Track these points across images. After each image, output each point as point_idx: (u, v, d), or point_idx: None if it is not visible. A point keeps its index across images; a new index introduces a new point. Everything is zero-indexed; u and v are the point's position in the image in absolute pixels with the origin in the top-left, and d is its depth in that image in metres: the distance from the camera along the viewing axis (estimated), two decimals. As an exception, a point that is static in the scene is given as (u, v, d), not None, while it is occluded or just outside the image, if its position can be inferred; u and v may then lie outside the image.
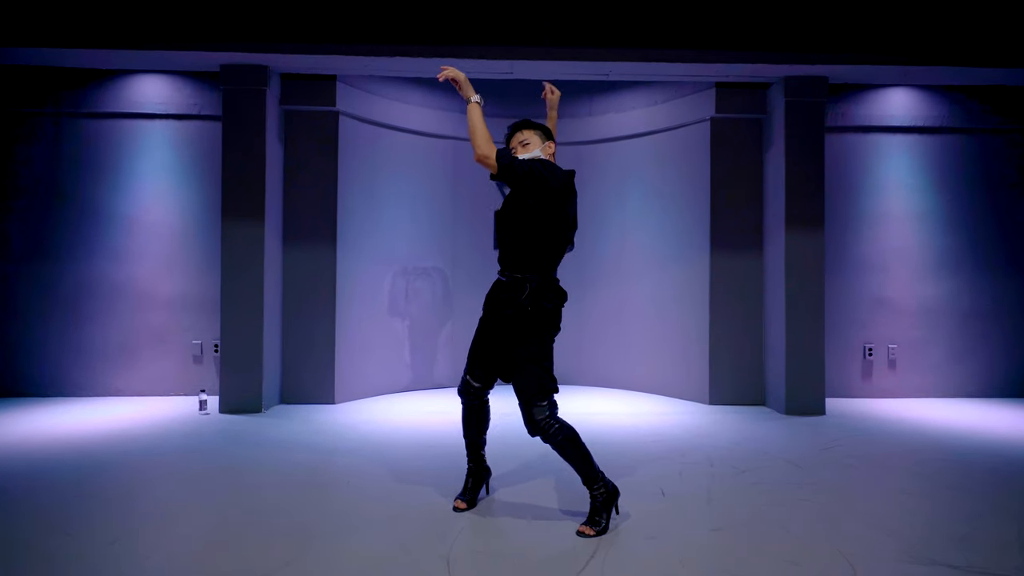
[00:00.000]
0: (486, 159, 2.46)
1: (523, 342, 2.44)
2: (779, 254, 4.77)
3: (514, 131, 2.70)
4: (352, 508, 2.69)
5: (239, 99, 4.54)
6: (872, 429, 4.19)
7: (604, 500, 2.42)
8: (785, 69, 4.58)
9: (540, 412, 2.40)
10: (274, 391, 4.80)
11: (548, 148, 2.65)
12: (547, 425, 2.40)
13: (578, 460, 2.43)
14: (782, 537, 2.39)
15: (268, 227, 4.61)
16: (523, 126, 2.69)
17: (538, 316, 2.43)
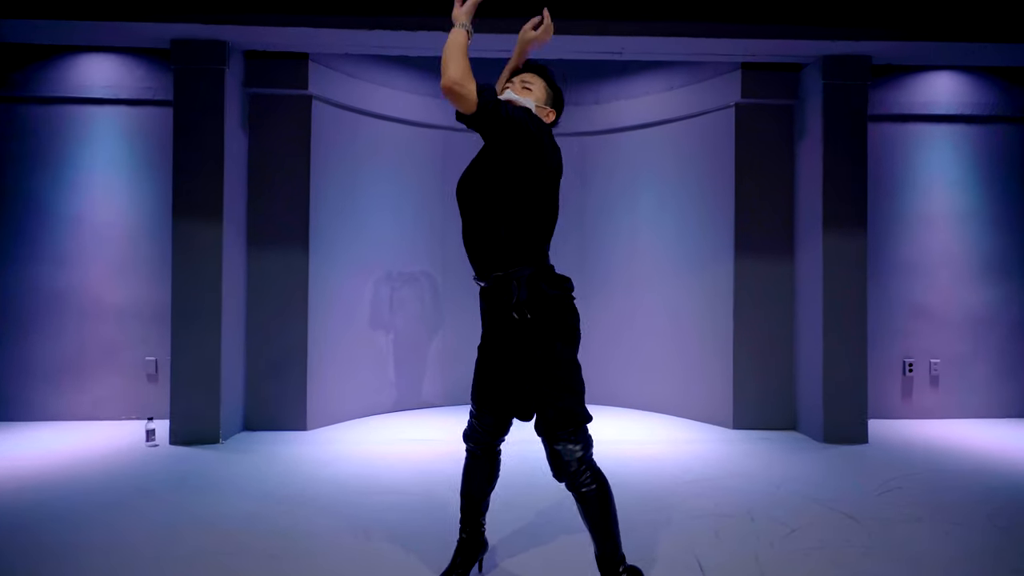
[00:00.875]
0: (458, 87, 1.72)
1: (532, 358, 1.83)
2: (815, 259, 4.18)
3: (516, 71, 2.08)
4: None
5: (193, 80, 3.91)
6: (926, 463, 3.61)
7: None
8: (823, 46, 3.98)
9: (569, 451, 1.81)
10: (236, 417, 4.18)
11: (549, 114, 2.03)
12: (578, 470, 1.81)
13: (603, 526, 1.84)
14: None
15: (228, 227, 3.99)
16: (531, 68, 2.07)
17: (543, 318, 1.83)
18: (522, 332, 1.84)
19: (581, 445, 1.83)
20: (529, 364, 1.84)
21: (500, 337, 1.92)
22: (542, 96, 2.02)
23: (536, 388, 1.84)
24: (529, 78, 2.04)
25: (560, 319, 1.86)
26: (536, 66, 2.09)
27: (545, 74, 2.06)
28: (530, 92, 2.01)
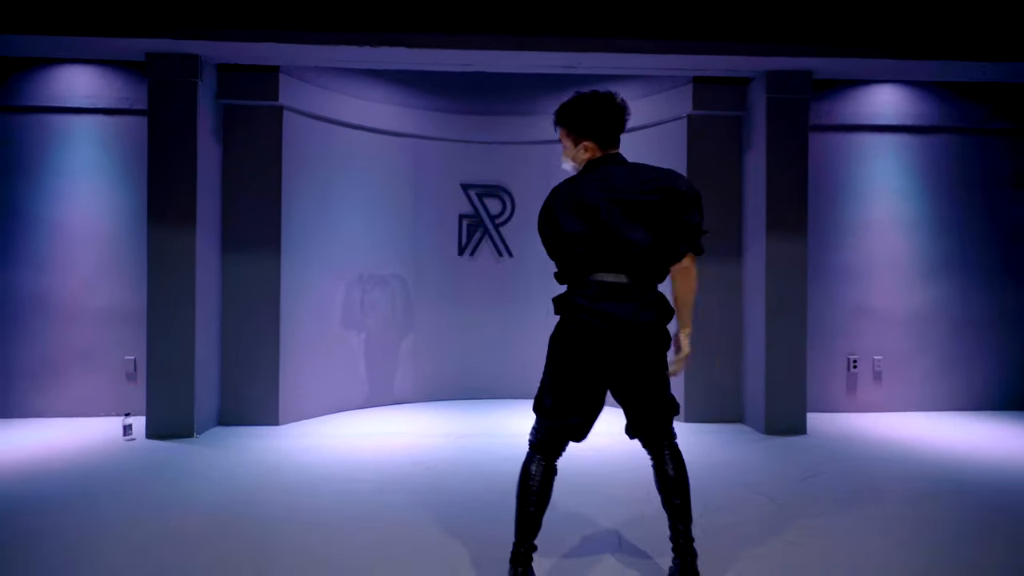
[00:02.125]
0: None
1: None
2: (759, 261, 4.44)
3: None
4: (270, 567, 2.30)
5: (167, 92, 4.11)
6: (857, 453, 3.88)
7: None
8: (766, 62, 4.24)
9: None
10: (211, 412, 4.39)
11: (586, 148, 2.16)
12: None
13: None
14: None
15: (201, 233, 4.19)
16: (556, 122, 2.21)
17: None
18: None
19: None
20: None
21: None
22: (570, 147, 2.18)
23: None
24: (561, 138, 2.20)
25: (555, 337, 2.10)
26: (556, 120, 2.20)
27: (560, 121, 2.19)
28: (564, 155, 2.21)
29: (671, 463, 2.12)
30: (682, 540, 2.07)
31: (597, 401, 2.10)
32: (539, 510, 2.05)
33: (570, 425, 2.07)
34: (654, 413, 2.10)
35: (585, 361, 2.03)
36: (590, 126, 2.15)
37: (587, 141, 2.16)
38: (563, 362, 2.05)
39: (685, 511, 2.08)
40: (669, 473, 2.11)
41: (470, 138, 5.46)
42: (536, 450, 2.10)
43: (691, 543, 2.08)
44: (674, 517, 2.09)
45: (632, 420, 2.14)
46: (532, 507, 2.03)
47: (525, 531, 2.03)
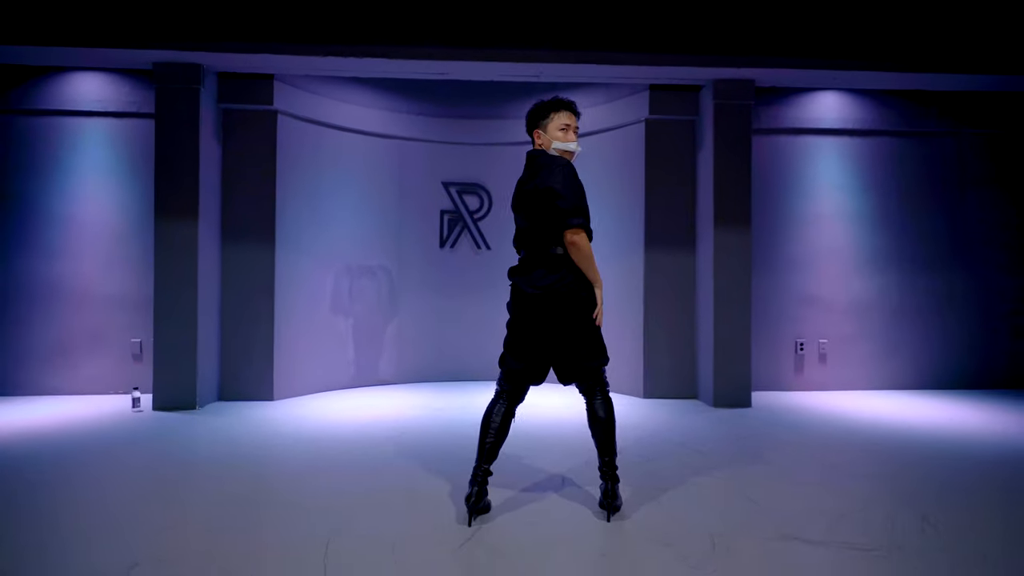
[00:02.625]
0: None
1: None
2: (709, 251, 4.91)
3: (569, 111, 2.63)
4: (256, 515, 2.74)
5: (172, 97, 4.56)
6: (790, 421, 4.34)
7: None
8: (713, 72, 4.72)
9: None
10: (212, 388, 4.82)
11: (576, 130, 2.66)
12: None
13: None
14: (662, 520, 2.49)
15: (203, 225, 4.64)
16: (573, 109, 2.64)
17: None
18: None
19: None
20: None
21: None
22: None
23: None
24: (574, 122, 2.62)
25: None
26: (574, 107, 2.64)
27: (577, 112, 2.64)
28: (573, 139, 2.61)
29: (601, 407, 2.54)
30: (606, 468, 2.51)
31: (539, 349, 2.50)
32: (496, 441, 2.47)
33: (518, 369, 2.50)
34: (577, 360, 2.52)
35: (517, 318, 2.51)
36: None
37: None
38: (509, 319, 2.56)
39: (610, 445, 2.52)
40: (599, 415, 2.53)
41: (450, 140, 5.92)
42: (500, 394, 2.53)
43: (614, 471, 2.52)
44: (601, 450, 2.53)
45: (559, 367, 2.57)
46: (491, 438, 2.46)
47: (483, 456, 2.47)
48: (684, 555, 2.18)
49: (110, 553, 2.17)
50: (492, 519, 2.49)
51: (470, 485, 2.45)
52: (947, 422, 4.29)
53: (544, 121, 2.59)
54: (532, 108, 2.62)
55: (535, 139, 2.62)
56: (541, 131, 2.59)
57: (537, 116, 2.60)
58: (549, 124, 2.58)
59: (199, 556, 2.16)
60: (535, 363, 2.52)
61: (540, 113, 2.60)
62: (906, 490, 2.88)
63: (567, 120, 2.59)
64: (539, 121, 2.60)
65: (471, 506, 2.41)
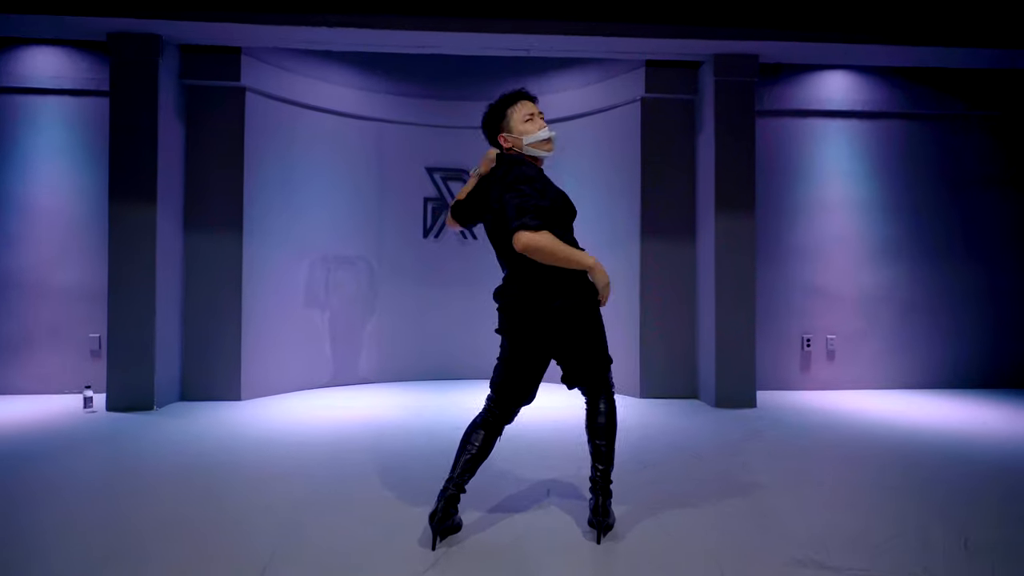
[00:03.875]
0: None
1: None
2: (709, 241, 4.57)
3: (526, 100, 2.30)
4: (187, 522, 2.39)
5: (129, 71, 4.19)
6: (799, 423, 4.00)
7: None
8: (714, 46, 4.37)
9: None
10: (173, 387, 4.46)
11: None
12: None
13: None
14: (662, 542, 2.15)
15: (163, 212, 4.27)
16: (532, 98, 2.30)
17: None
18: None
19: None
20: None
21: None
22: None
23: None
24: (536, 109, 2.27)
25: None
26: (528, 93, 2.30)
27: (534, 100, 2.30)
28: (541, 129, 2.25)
29: (604, 411, 2.23)
30: (599, 477, 2.17)
31: (536, 372, 2.20)
32: (475, 458, 2.15)
33: (512, 396, 2.21)
34: (579, 366, 2.22)
35: (512, 344, 2.20)
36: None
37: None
38: (504, 347, 2.24)
39: (605, 454, 2.19)
40: (599, 420, 2.22)
41: (434, 122, 5.56)
42: (489, 411, 2.21)
43: (608, 484, 2.18)
44: (595, 457, 2.19)
45: (565, 372, 2.26)
46: (468, 454, 2.14)
47: (457, 471, 2.13)
48: (687, 585, 1.84)
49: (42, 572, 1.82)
50: (461, 540, 2.14)
51: (437, 500, 2.10)
52: (969, 424, 3.96)
53: (504, 122, 2.23)
54: (485, 115, 2.27)
55: (503, 145, 2.25)
56: (506, 133, 2.24)
57: (494, 120, 2.25)
58: (511, 122, 2.23)
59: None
60: (532, 387, 2.23)
61: (496, 115, 2.24)
62: (936, 504, 2.54)
63: (528, 109, 2.24)
64: (498, 124, 2.24)
65: (435, 525, 2.06)
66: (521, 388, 2.21)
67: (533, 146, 2.23)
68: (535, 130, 2.23)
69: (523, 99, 2.26)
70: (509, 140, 2.24)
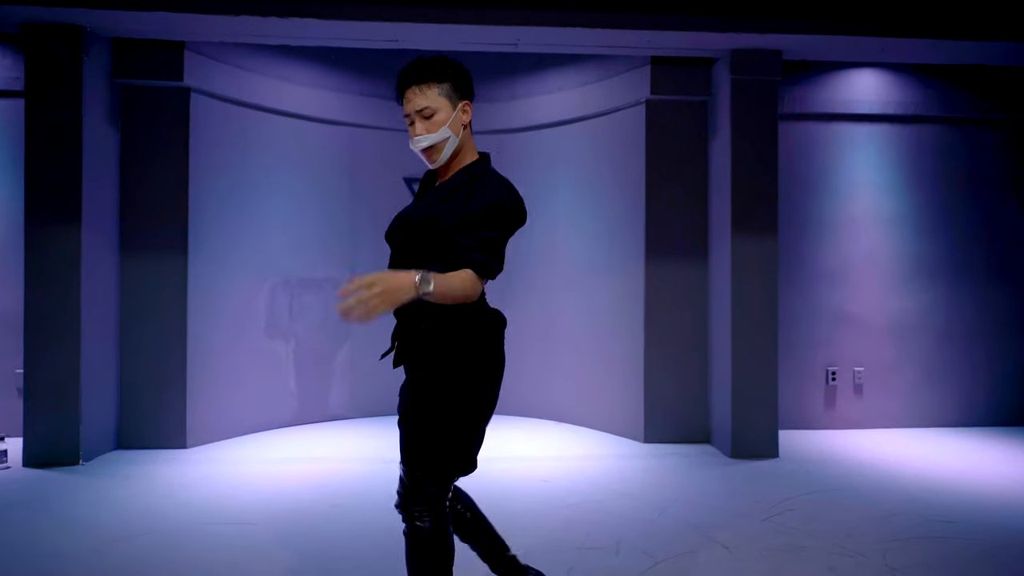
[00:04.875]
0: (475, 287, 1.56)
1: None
2: (724, 263, 3.97)
3: (404, 90, 1.65)
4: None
5: (48, 68, 3.58)
6: (833, 483, 3.40)
7: None
8: (730, 40, 3.77)
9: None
10: (108, 435, 3.86)
11: (464, 116, 1.66)
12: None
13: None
14: None
15: (89, 231, 3.66)
16: (420, 77, 1.62)
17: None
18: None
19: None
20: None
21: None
22: (447, 107, 1.63)
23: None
24: (418, 100, 1.61)
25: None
26: (411, 72, 1.64)
27: (427, 73, 1.62)
28: (433, 120, 1.62)
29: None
30: None
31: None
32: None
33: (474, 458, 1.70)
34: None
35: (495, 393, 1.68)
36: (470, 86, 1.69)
37: (468, 102, 1.67)
38: (488, 396, 1.65)
39: None
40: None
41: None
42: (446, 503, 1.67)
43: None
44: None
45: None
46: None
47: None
48: None
49: None
50: None
51: None
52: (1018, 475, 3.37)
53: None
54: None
55: None
56: None
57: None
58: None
59: None
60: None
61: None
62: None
63: (405, 107, 1.64)
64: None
65: None
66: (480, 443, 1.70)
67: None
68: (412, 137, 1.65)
69: (400, 89, 1.66)
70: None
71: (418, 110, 1.61)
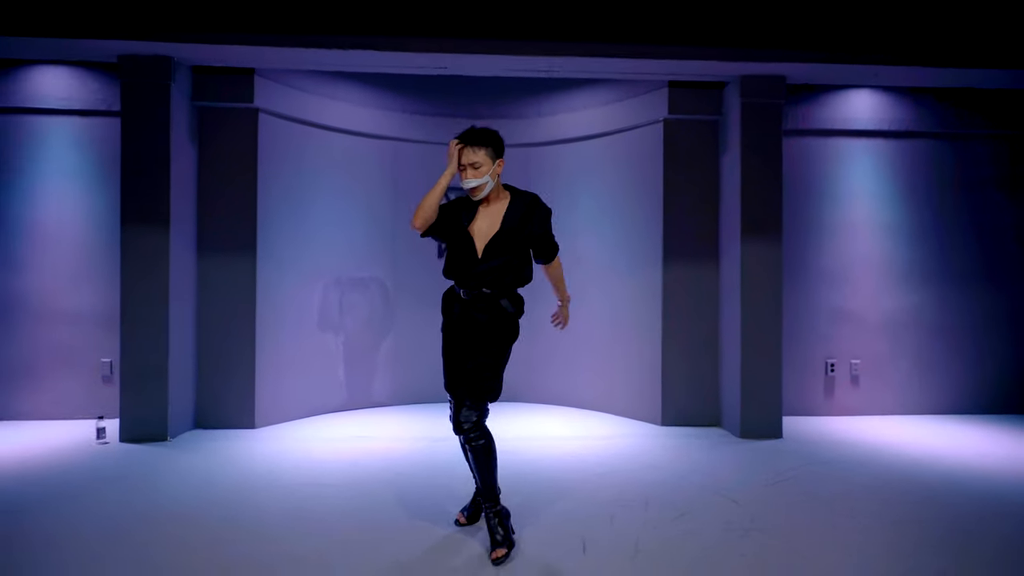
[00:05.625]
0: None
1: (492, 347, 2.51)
2: (734, 265, 4.46)
3: (465, 147, 2.48)
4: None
5: (140, 94, 4.09)
6: (829, 456, 3.88)
7: (499, 520, 2.46)
8: (740, 67, 4.26)
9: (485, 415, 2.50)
10: (187, 416, 4.37)
11: (498, 168, 2.52)
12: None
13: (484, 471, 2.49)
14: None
15: (175, 235, 4.18)
16: (473, 141, 2.46)
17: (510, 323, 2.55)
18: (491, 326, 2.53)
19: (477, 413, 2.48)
20: (482, 347, 2.52)
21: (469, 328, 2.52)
22: (488, 163, 2.46)
23: (479, 365, 2.48)
24: (473, 156, 2.45)
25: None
26: (470, 135, 2.47)
27: (480, 138, 2.46)
28: (479, 170, 2.45)
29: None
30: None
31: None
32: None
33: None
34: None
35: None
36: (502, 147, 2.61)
37: (501, 160, 2.56)
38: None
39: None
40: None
41: (448, 141, 5.45)
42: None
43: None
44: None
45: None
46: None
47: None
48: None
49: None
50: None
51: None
52: (1007, 456, 3.84)
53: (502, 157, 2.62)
54: (496, 137, 2.55)
55: (497, 171, 2.54)
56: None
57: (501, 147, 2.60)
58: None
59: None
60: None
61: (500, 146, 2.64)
62: (986, 557, 2.42)
63: (462, 159, 2.50)
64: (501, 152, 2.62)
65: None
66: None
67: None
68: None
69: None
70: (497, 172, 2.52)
71: (470, 163, 2.45)
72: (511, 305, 2.51)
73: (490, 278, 2.46)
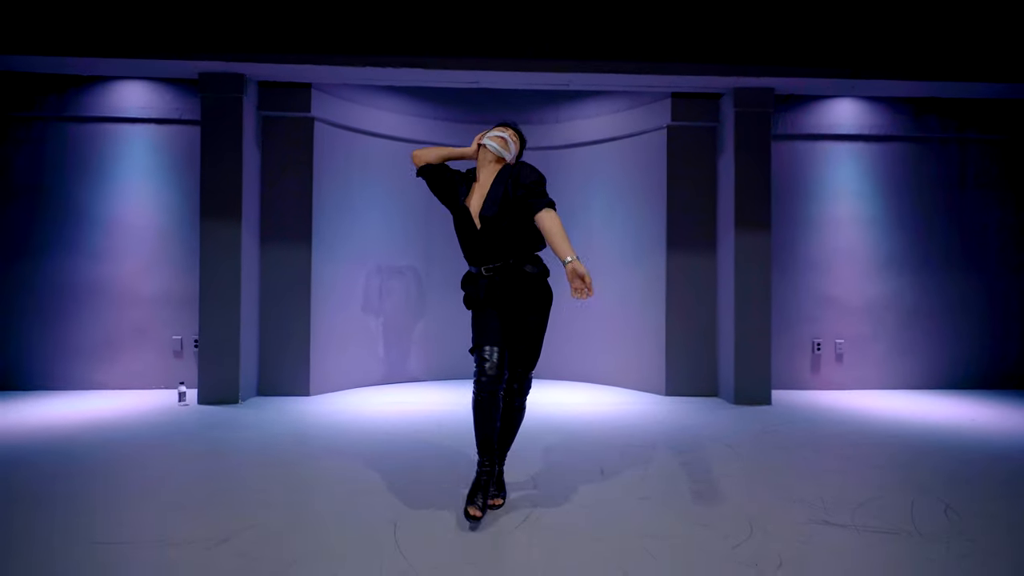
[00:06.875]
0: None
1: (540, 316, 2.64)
2: (729, 254, 5.08)
3: (495, 128, 2.74)
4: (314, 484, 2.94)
5: (217, 106, 4.76)
6: (811, 417, 4.51)
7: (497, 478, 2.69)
8: (734, 81, 4.89)
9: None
10: (251, 383, 5.03)
11: (516, 147, 2.70)
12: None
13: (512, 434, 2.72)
14: (700, 505, 2.67)
15: (245, 227, 4.84)
16: (504, 123, 2.74)
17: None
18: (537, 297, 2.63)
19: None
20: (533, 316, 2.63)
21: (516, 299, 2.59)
22: (515, 146, 2.71)
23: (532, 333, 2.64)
24: (502, 132, 2.67)
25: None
26: (515, 129, 2.74)
27: (514, 125, 2.78)
28: (501, 136, 2.65)
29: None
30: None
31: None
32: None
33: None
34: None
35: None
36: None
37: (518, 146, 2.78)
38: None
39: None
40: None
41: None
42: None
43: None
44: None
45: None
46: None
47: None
48: (724, 535, 2.36)
49: (201, 528, 2.37)
50: (535, 506, 2.67)
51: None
52: (963, 420, 4.45)
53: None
54: (521, 135, 2.78)
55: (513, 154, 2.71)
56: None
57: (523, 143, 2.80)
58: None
59: (282, 531, 2.35)
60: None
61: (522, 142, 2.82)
62: (924, 480, 3.05)
63: (500, 132, 2.69)
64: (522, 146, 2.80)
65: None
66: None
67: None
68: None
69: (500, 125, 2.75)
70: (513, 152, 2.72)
71: (501, 136, 2.66)
72: (534, 267, 2.56)
73: (496, 246, 2.49)
